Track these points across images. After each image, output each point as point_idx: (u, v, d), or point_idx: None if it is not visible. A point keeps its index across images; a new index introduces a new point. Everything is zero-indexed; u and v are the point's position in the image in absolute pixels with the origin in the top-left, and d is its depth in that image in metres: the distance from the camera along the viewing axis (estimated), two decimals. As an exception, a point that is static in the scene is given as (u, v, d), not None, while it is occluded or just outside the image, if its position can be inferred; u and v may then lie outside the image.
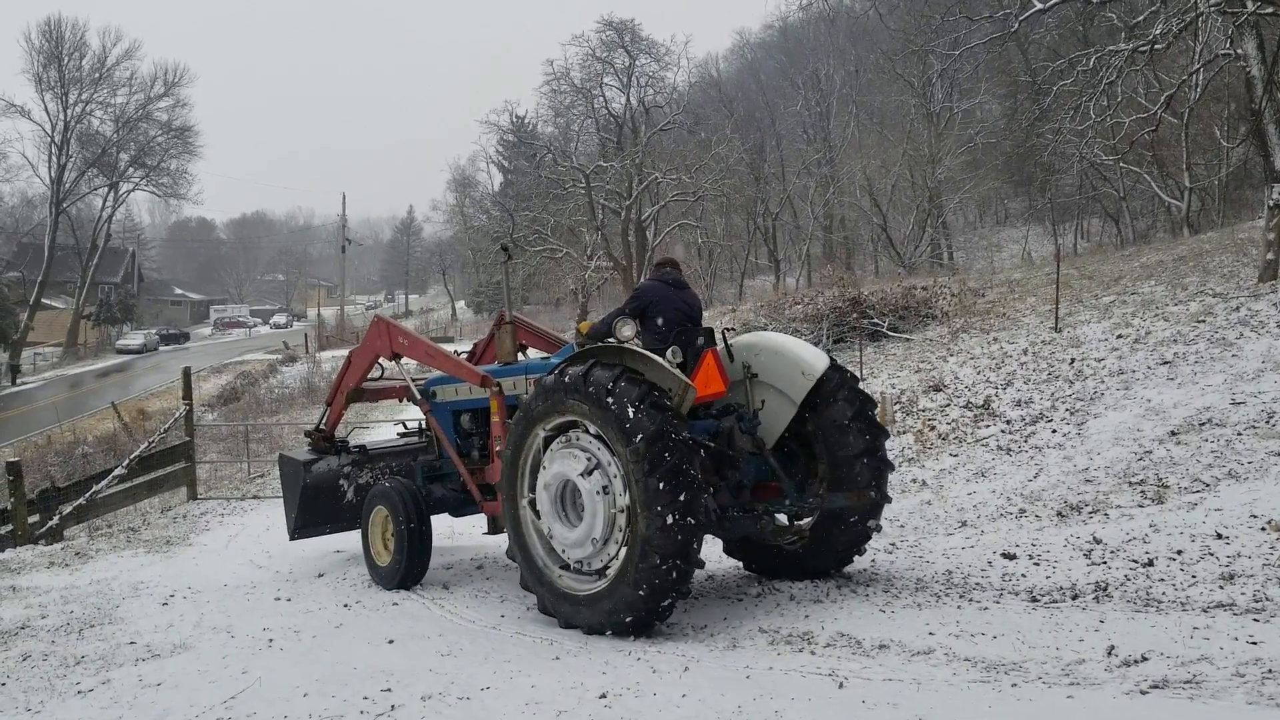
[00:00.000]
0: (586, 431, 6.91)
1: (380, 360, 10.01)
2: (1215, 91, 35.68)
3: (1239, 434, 9.88)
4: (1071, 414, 12.05)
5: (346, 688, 5.85)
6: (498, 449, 7.96)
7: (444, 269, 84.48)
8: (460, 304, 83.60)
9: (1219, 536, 7.73)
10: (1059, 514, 9.13)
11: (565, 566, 7.10)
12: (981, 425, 12.73)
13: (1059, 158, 39.13)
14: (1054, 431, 11.80)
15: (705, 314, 30.07)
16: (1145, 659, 5.46)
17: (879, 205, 43.00)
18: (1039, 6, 24.69)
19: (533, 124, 56.14)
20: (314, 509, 10.08)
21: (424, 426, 10.13)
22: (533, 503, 7.27)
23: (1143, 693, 4.98)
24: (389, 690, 5.78)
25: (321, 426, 10.57)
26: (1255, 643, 5.59)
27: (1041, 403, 12.77)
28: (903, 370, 16.36)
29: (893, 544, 9.09)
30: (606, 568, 6.77)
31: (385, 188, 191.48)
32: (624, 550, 6.59)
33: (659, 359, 6.94)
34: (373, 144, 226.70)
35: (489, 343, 9.76)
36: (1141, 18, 29.08)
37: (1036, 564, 7.83)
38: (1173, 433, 10.43)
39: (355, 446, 10.45)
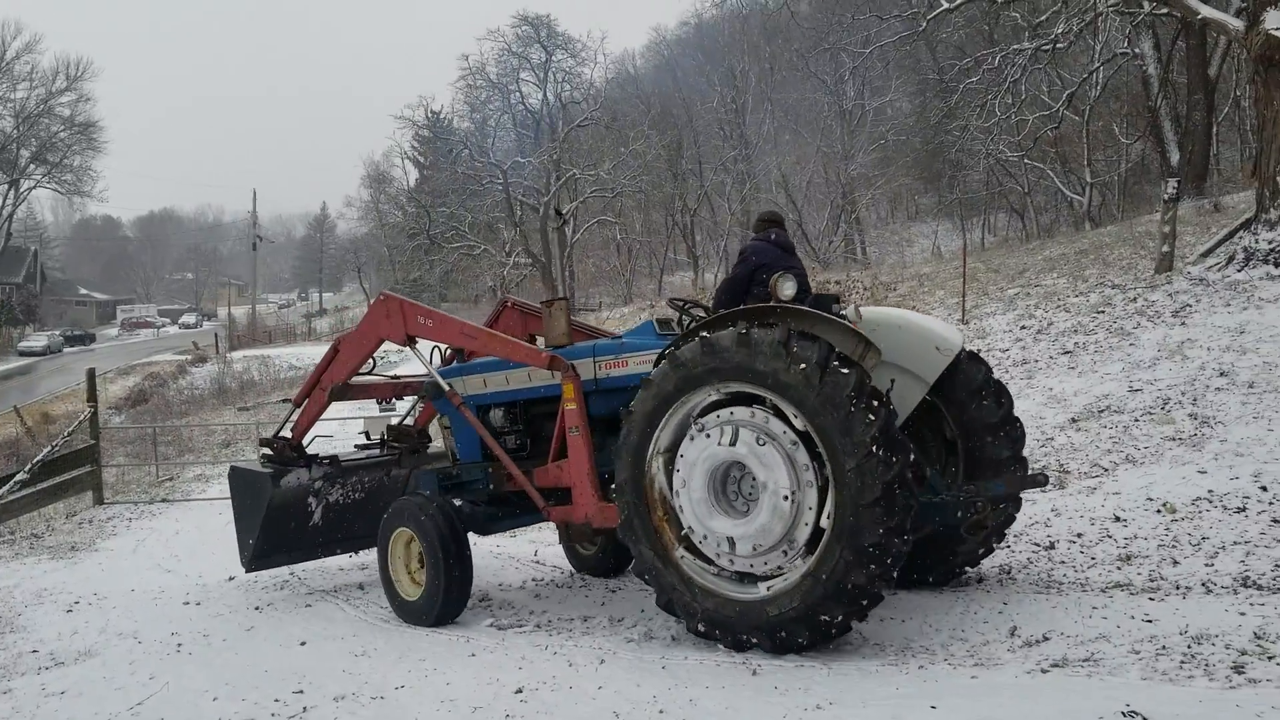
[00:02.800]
0: (748, 404, 5.78)
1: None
2: (1114, 89, 36.86)
3: (1136, 420, 10.25)
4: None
5: (257, 690, 5.78)
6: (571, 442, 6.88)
7: (359, 266, 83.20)
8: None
9: (1117, 519, 8.02)
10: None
11: (718, 571, 5.96)
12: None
13: (966, 154, 40.03)
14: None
15: (624, 311, 30.06)
16: (1046, 639, 5.65)
17: (794, 201, 43.51)
18: (946, 6, 25.18)
19: (448, 119, 55.68)
20: (278, 533, 8.37)
21: (402, 432, 8.86)
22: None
23: (1044, 671, 5.16)
24: (301, 692, 5.72)
25: (285, 433, 8.80)
26: (1150, 620, 5.82)
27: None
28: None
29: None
30: (784, 566, 5.69)
31: (298, 184, 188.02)
32: (829, 490, 5.47)
33: (834, 317, 6.00)
34: (285, 140, 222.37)
35: (332, 355, 8.64)
36: (1044, 17, 29.84)
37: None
38: (1073, 420, 10.77)
39: (325, 457, 8.73)
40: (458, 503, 7.48)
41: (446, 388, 7.65)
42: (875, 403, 5.38)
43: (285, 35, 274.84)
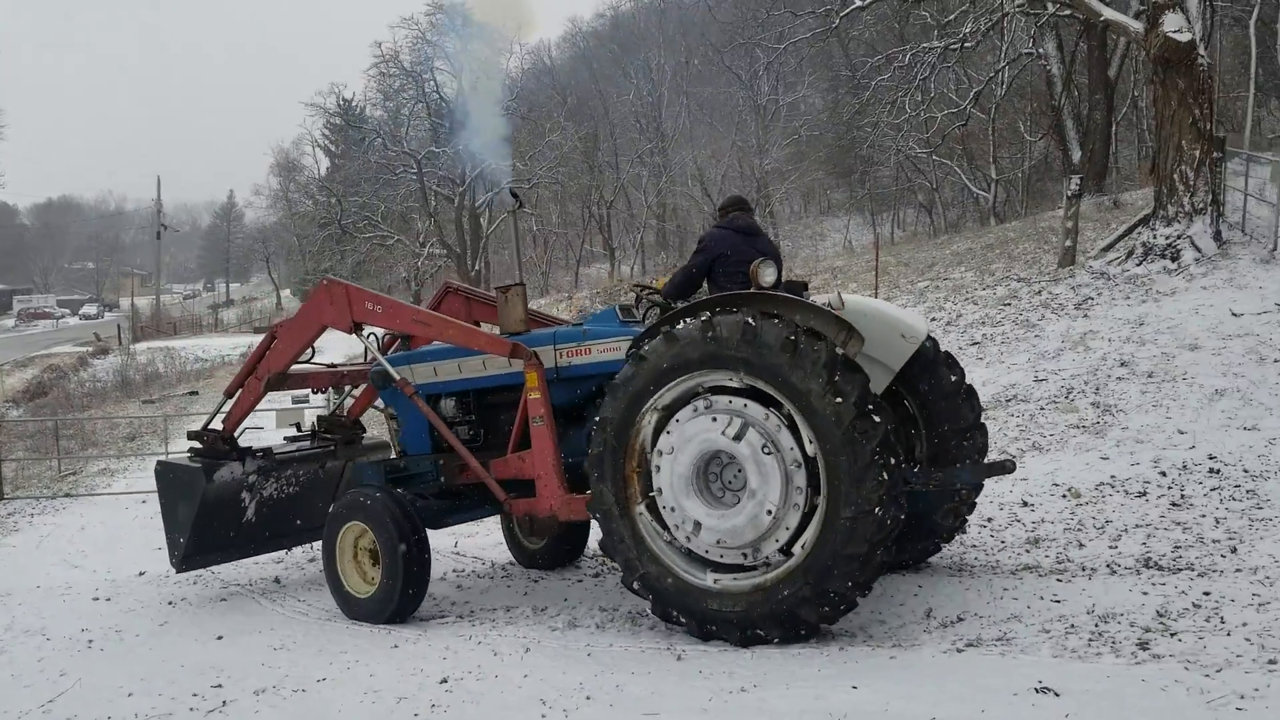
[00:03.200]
0: (723, 392, 5.70)
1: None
2: (1019, 89, 37.81)
3: (1041, 409, 10.59)
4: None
5: (174, 685, 5.66)
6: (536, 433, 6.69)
7: (268, 256, 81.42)
8: (285, 292, 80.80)
9: (1025, 504, 8.29)
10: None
11: (670, 540, 5.88)
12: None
13: (877, 150, 40.73)
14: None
15: (541, 302, 29.88)
16: (960, 620, 5.83)
17: (710, 195, 43.78)
18: (859, 4, 25.60)
19: (360, 107, 54.70)
20: (211, 531, 7.87)
21: (335, 423, 8.61)
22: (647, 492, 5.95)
23: (959, 651, 5.32)
24: (220, 686, 5.62)
25: (212, 426, 8.32)
26: (1058, 600, 6.03)
27: (864, 383, 13.32)
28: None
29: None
30: (781, 550, 5.57)
31: (204, 171, 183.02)
32: (813, 520, 5.42)
33: (809, 302, 5.96)
34: (190, 126, 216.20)
35: (269, 343, 8.26)
36: (952, 16, 30.48)
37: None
38: (982, 409, 11.06)
39: (258, 450, 8.21)
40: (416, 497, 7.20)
41: (397, 377, 7.27)
42: (892, 460, 5.36)
43: (190, 21, 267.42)
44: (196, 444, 8.14)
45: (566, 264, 52.45)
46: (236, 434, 8.30)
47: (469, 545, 9.49)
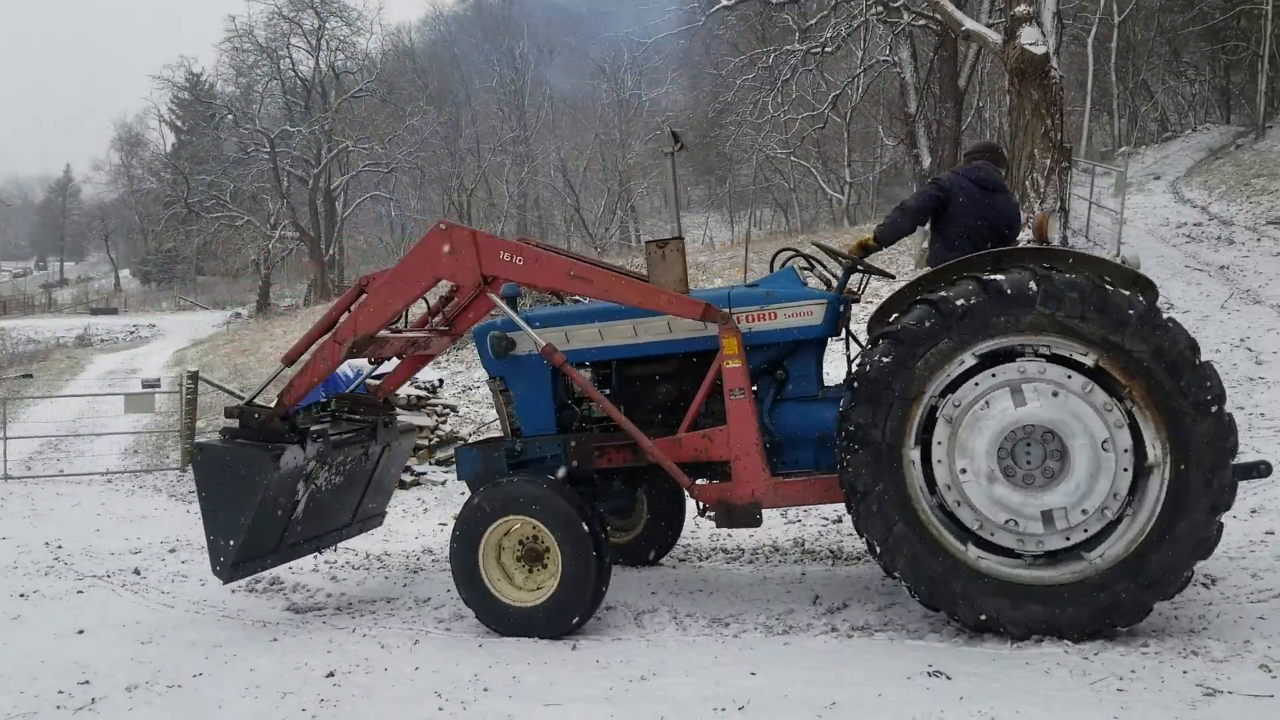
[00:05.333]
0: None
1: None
2: (875, 94, 39.04)
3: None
4: (762, 387, 12.85)
5: (36, 682, 5.28)
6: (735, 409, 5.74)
7: (107, 234, 77.43)
8: (125, 273, 76.95)
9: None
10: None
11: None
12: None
13: (738, 149, 41.45)
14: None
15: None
16: (846, 606, 5.95)
17: (572, 186, 43.79)
18: (725, 3, 25.96)
19: (211, 82, 52.48)
20: (268, 529, 6.42)
21: (363, 401, 7.21)
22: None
23: (849, 636, 5.44)
24: (87, 682, 5.27)
25: (265, 401, 6.71)
26: (936, 586, 6.23)
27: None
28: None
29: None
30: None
31: (38, 144, 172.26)
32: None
33: (1112, 260, 5.42)
34: (25, 94, 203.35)
35: (354, 296, 6.78)
36: (814, 21, 31.24)
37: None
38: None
39: (314, 431, 6.58)
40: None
41: (541, 343, 5.94)
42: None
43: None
44: (233, 422, 6.46)
45: (425, 252, 51.59)
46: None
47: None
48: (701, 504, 6.01)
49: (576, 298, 6.55)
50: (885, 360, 5.15)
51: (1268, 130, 33.37)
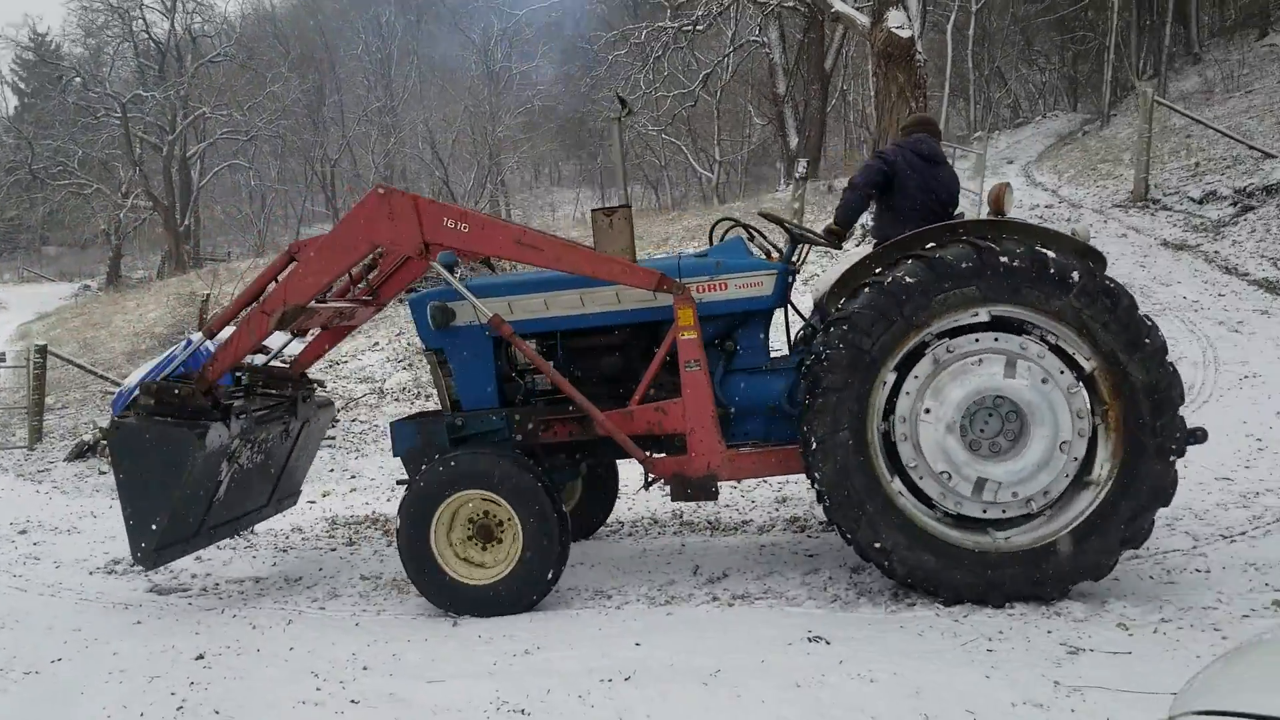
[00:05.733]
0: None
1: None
2: (744, 74, 39.49)
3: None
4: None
5: (-128, 675, 4.95)
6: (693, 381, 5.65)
7: (-66, 202, 72.52)
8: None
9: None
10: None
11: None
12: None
13: (610, 125, 41.35)
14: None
15: (259, 262, 28.13)
16: (726, 575, 6.03)
17: (440, 159, 43.01)
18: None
19: (58, 43, 49.58)
20: (191, 511, 6.01)
21: (279, 375, 6.73)
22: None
23: (730, 605, 5.50)
24: (-69, 673, 4.97)
25: (185, 372, 6.25)
26: (811, 555, 6.38)
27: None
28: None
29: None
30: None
31: None
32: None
33: (1060, 232, 5.48)
34: None
35: (283, 264, 6.41)
36: (685, -1, 31.31)
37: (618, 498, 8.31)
38: (725, 377, 11.52)
39: (237, 408, 6.17)
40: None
41: (488, 313, 5.76)
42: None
43: None
44: (148, 399, 5.89)
45: (286, 223, 50.04)
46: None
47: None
48: (649, 477, 6.02)
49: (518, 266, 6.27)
50: (909, 281, 5.13)
51: (1112, 118, 35.04)
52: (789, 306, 6.29)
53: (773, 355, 6.24)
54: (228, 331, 6.51)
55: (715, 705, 4.11)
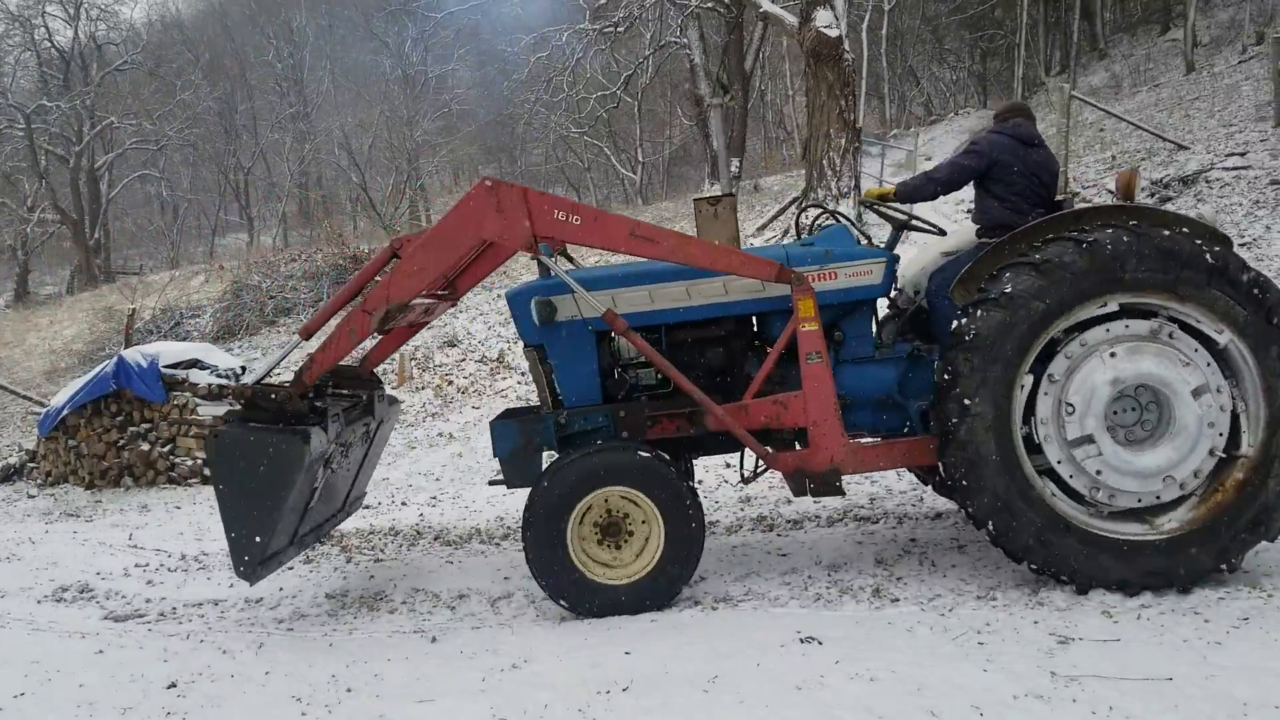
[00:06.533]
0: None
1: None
2: (666, 75, 39.61)
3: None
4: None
5: None
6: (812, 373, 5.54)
7: None
8: None
9: (728, 465, 8.66)
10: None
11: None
12: (499, 378, 13.09)
13: (532, 128, 41.17)
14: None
15: (174, 274, 27.33)
16: (704, 578, 5.96)
17: (358, 164, 42.36)
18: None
19: (-52, 51, 47.64)
20: (292, 520, 5.79)
21: (351, 375, 6.46)
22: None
23: (714, 609, 5.44)
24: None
25: (281, 377, 6.03)
26: (785, 555, 6.37)
27: (551, 356, 13.45)
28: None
29: (434, 497, 9.06)
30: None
31: None
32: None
33: (1189, 216, 5.42)
34: None
35: (385, 260, 6.34)
36: (605, 0, 31.32)
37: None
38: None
39: (332, 410, 5.90)
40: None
41: (601, 309, 5.52)
42: None
43: None
44: (237, 404, 5.70)
45: (200, 234, 48.78)
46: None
47: (146, 538, 8.54)
48: (755, 470, 6.08)
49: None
50: (1069, 260, 5.09)
51: (1024, 114, 35.86)
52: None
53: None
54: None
55: (720, 712, 4.05)
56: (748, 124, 38.40)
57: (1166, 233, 5.13)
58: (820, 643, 4.69)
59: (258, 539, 5.48)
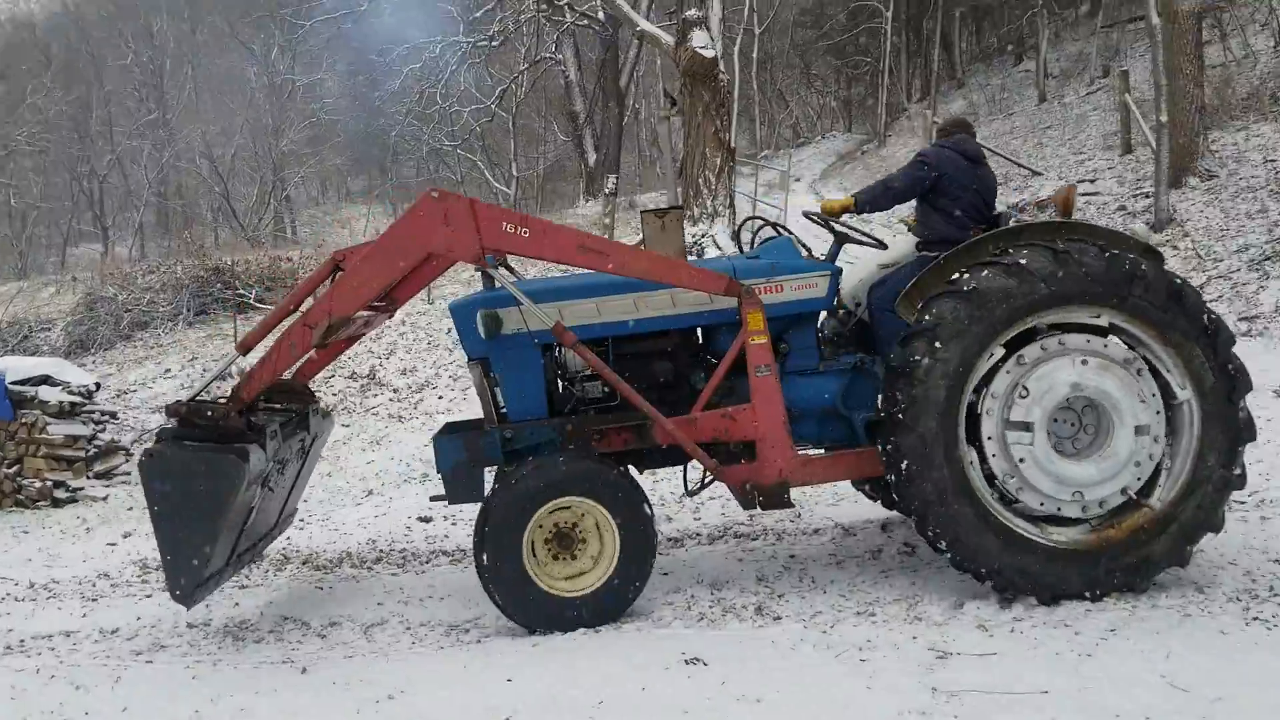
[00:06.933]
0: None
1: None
2: (541, 90, 39.51)
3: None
4: (455, 380, 12.58)
5: None
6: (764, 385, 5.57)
7: None
8: None
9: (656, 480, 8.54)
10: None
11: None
12: (370, 395, 12.75)
13: (404, 140, 40.51)
14: (440, 398, 12.23)
15: (22, 285, 25.84)
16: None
17: (220, 174, 40.95)
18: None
19: None
20: (229, 540, 5.58)
21: (286, 389, 6.17)
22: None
23: (596, 631, 5.34)
24: None
25: (210, 395, 5.85)
26: (667, 573, 6.31)
27: (426, 371, 13.16)
28: (279, 343, 15.73)
29: (301, 520, 8.74)
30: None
31: None
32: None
33: (1122, 233, 5.53)
34: None
35: (327, 274, 6.18)
36: (480, 14, 31.08)
37: (454, 524, 8.06)
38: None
39: (270, 426, 5.71)
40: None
41: (550, 322, 5.44)
42: None
43: None
44: (172, 421, 5.49)
45: (50, 243, 46.36)
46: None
47: (-14, 566, 8.00)
48: (701, 484, 6.10)
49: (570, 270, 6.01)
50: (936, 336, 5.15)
51: (888, 138, 37.05)
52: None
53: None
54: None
55: (607, 739, 3.97)
56: (622, 142, 38.68)
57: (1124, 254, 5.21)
58: (706, 664, 4.66)
59: (194, 561, 5.29)
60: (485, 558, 5.30)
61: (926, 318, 5.19)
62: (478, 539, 5.33)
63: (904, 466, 5.21)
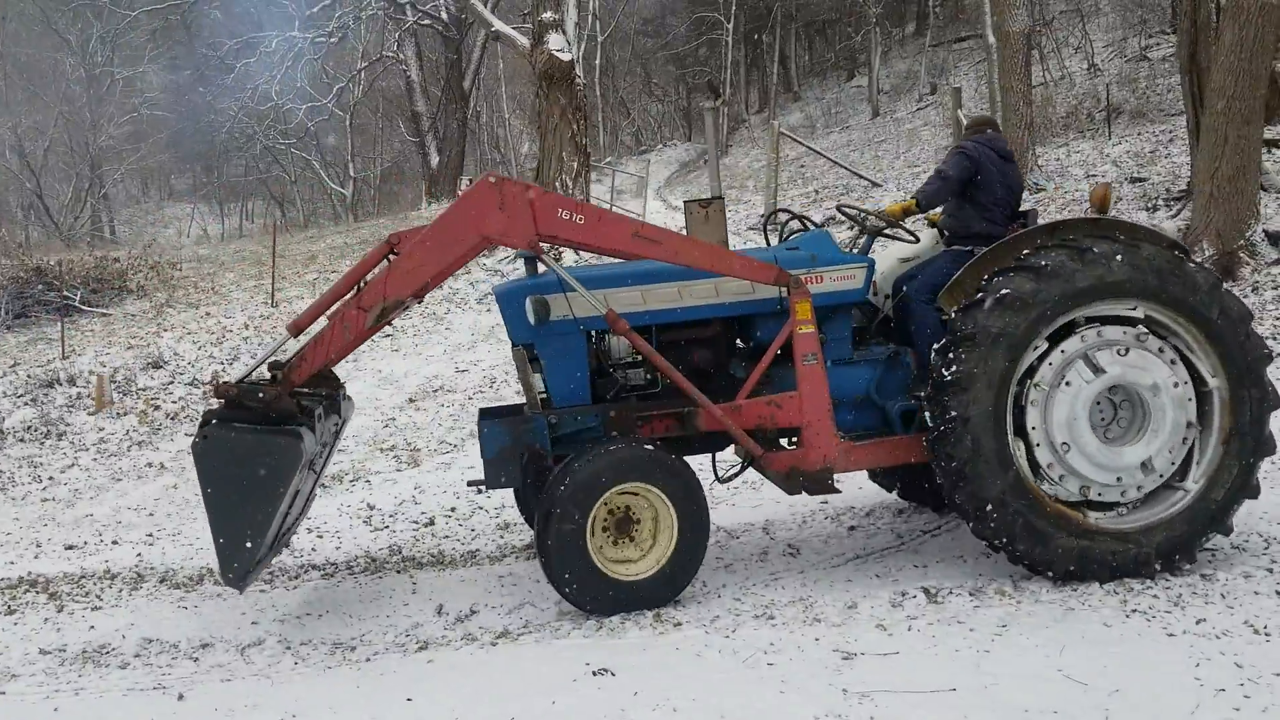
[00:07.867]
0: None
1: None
2: (381, 90, 38.63)
3: (470, 397, 10.84)
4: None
5: None
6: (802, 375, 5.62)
7: None
8: None
9: (480, 491, 8.35)
10: (323, 485, 9.07)
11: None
12: (213, 402, 12.12)
13: (234, 138, 38.92)
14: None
15: None
16: (475, 612, 5.68)
17: (32, 169, 38.39)
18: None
19: None
20: (280, 522, 5.46)
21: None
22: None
23: (493, 645, 5.16)
24: None
25: (275, 374, 5.54)
26: (554, 582, 6.16)
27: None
28: (112, 347, 14.75)
29: (150, 534, 8.20)
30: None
31: None
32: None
33: (1153, 229, 5.66)
34: None
35: (382, 255, 6.00)
36: (317, 9, 30.15)
37: (321, 537, 7.69)
38: (411, 400, 11.06)
39: (316, 409, 5.65)
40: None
41: (602, 309, 5.46)
42: None
43: None
44: (219, 401, 5.40)
45: None
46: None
47: None
48: (743, 468, 6.22)
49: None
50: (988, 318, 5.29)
51: (729, 148, 37.80)
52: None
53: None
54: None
55: (524, 757, 3.82)
56: (465, 143, 38.17)
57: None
58: (614, 674, 4.54)
59: (248, 545, 5.22)
60: (551, 545, 5.29)
61: (970, 325, 5.33)
62: (542, 523, 5.33)
63: (958, 473, 5.37)
